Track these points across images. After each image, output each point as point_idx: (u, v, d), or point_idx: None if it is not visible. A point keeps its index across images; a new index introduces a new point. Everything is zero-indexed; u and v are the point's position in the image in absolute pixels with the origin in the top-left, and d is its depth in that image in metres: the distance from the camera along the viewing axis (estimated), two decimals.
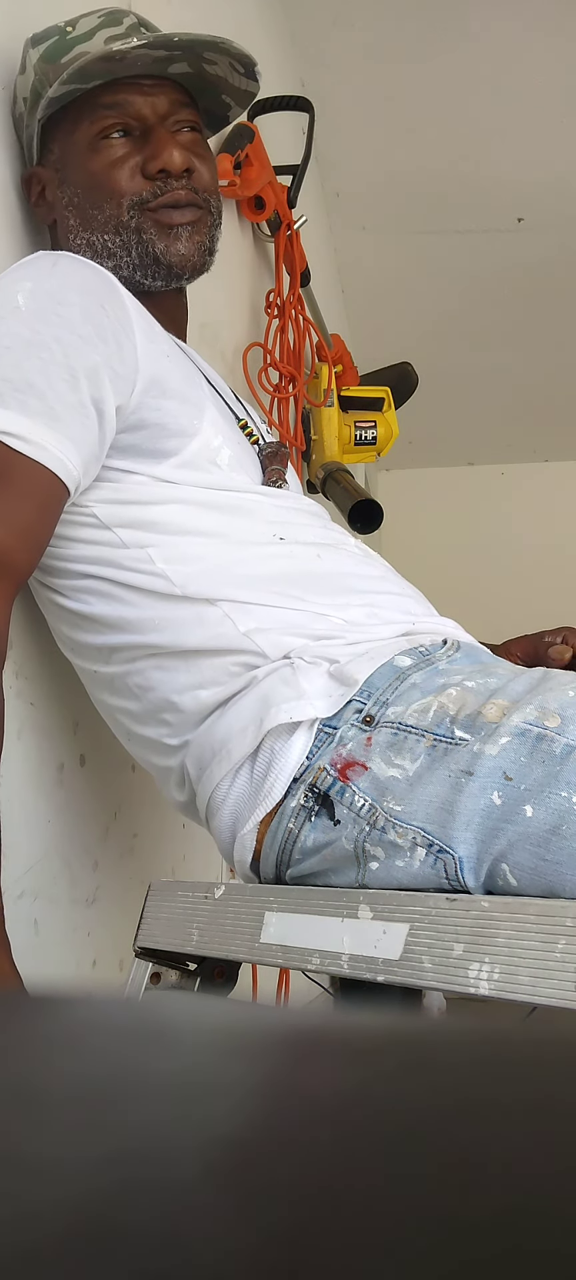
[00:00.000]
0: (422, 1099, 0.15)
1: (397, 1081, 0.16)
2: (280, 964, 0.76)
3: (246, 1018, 0.19)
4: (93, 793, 1.11)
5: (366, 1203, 0.12)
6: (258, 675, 0.83)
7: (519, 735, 0.71)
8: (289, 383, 1.90)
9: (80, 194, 0.95)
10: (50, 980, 0.98)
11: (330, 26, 2.29)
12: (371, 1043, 0.17)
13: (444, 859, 0.71)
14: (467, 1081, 0.16)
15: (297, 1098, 0.15)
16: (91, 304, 0.85)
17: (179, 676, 0.86)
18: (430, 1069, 0.16)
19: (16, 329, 0.82)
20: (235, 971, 0.91)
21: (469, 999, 0.62)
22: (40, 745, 1.00)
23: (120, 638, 0.88)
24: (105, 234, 0.94)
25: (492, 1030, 0.17)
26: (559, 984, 0.57)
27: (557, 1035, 0.18)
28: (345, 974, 0.69)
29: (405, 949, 0.65)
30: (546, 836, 0.68)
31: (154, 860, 1.27)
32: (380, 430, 2.26)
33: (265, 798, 0.80)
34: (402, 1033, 0.18)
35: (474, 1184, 0.12)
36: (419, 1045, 0.17)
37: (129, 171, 0.94)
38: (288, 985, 1.67)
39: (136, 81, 0.95)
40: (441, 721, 0.76)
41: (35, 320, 0.83)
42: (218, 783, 0.83)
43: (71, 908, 1.05)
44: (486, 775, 0.71)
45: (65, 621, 0.92)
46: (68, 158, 0.96)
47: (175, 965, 0.88)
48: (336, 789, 0.77)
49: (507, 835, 0.69)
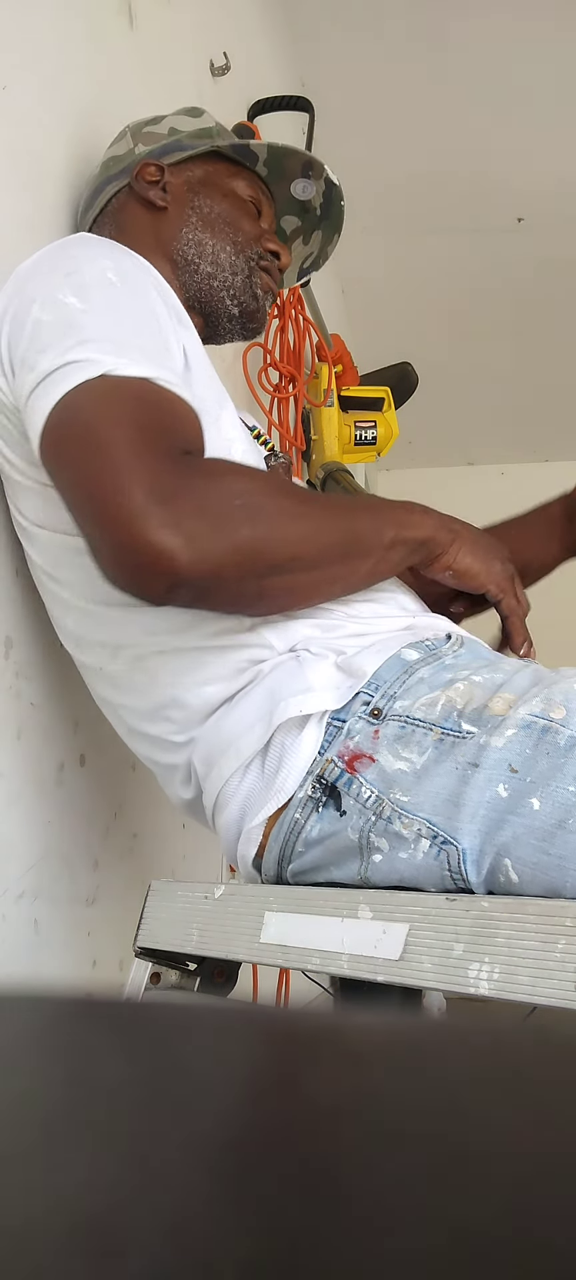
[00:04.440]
0: (422, 1099, 0.15)
1: (397, 1082, 0.16)
2: (280, 964, 0.76)
3: (246, 1018, 0.19)
4: (93, 793, 1.11)
5: (366, 1203, 0.12)
6: (263, 669, 0.83)
7: (524, 728, 0.71)
8: (289, 383, 1.90)
9: (217, 212, 1.09)
10: (50, 980, 0.98)
11: (330, 26, 2.29)
12: (371, 1043, 0.17)
13: (447, 850, 0.71)
14: (467, 1082, 0.16)
15: (297, 1098, 0.15)
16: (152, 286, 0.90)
17: (185, 672, 0.86)
18: (430, 1069, 0.16)
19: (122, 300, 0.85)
20: (235, 971, 0.91)
21: (469, 999, 0.62)
22: (40, 745, 1.00)
23: (127, 633, 0.88)
24: (227, 245, 1.07)
25: (492, 1030, 0.17)
26: (559, 984, 0.57)
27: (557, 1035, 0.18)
28: (345, 974, 0.69)
29: (405, 949, 0.65)
30: (551, 831, 0.68)
31: (154, 860, 1.27)
32: (380, 430, 2.26)
33: (277, 793, 0.80)
34: (402, 1033, 0.18)
35: (474, 1184, 0.12)
36: (418, 1045, 0.17)
37: (254, 232, 1.11)
38: (288, 985, 1.67)
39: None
40: (449, 715, 0.76)
41: (132, 296, 0.86)
42: (227, 779, 0.83)
43: (71, 908, 1.05)
44: (492, 767, 0.71)
45: (71, 616, 0.92)
46: (210, 187, 1.10)
47: (175, 965, 0.88)
48: (343, 780, 0.77)
49: (513, 827, 0.69)
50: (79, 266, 0.86)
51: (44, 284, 0.85)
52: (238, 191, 1.11)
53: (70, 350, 0.77)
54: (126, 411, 0.76)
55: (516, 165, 2.63)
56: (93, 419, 0.75)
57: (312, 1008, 0.20)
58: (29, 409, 0.78)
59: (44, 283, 0.85)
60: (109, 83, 1.27)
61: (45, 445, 0.77)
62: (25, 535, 0.93)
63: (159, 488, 0.72)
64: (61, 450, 0.76)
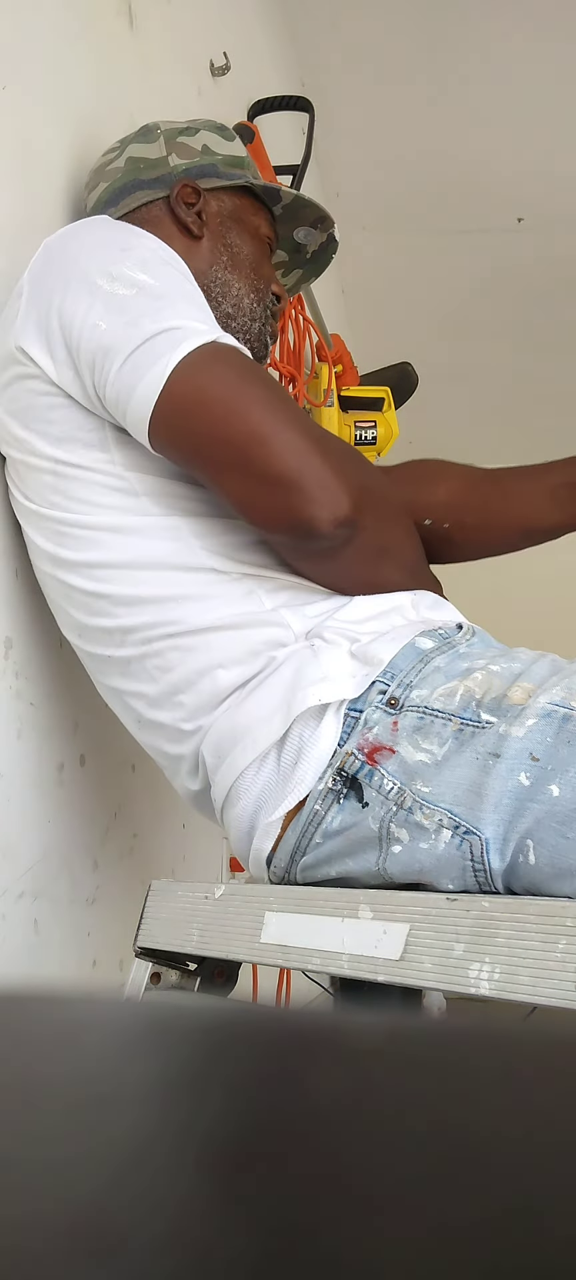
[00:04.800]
0: (422, 1100, 0.15)
1: (397, 1081, 0.16)
2: (280, 964, 0.75)
3: (246, 1018, 0.19)
4: (93, 793, 1.11)
5: (366, 1204, 0.12)
6: (278, 657, 0.82)
7: (545, 716, 0.72)
8: (289, 383, 1.90)
9: (245, 254, 1.09)
10: (50, 980, 0.98)
11: (330, 26, 2.29)
12: (371, 1043, 0.17)
13: (470, 840, 0.71)
14: (467, 1082, 0.16)
15: (297, 1098, 0.15)
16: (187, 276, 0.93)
17: (198, 655, 0.84)
18: (430, 1069, 0.16)
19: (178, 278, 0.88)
20: (235, 971, 0.91)
21: (469, 999, 0.62)
22: (40, 745, 1.00)
23: (138, 616, 0.86)
24: (250, 292, 1.08)
25: (492, 1030, 0.17)
26: (559, 984, 0.57)
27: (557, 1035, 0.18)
28: (345, 974, 0.69)
29: (405, 949, 0.65)
30: (570, 815, 0.69)
31: (154, 860, 1.27)
32: (380, 430, 2.26)
33: (296, 786, 0.79)
34: (402, 1033, 0.18)
35: (474, 1184, 0.12)
36: (418, 1045, 0.17)
37: (268, 276, 1.11)
38: (288, 985, 1.67)
39: None
40: (468, 705, 0.76)
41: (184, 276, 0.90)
42: (241, 771, 0.82)
43: (71, 908, 1.05)
44: (514, 756, 0.71)
45: (78, 605, 0.90)
46: (237, 223, 1.10)
47: (175, 965, 0.88)
48: (365, 772, 0.77)
49: (534, 813, 0.70)
50: (130, 243, 0.89)
51: (100, 258, 0.86)
52: (261, 232, 1.11)
53: (167, 319, 0.82)
54: (256, 373, 0.83)
55: (516, 165, 2.63)
56: (232, 379, 0.81)
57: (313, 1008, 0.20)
58: (127, 372, 0.81)
59: (100, 256, 0.86)
60: (109, 83, 1.27)
61: (170, 407, 0.80)
62: (29, 518, 0.92)
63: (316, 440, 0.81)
64: (199, 411, 0.80)
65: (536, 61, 2.36)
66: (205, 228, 1.07)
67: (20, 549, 0.96)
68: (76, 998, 0.20)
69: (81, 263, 0.86)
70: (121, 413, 0.83)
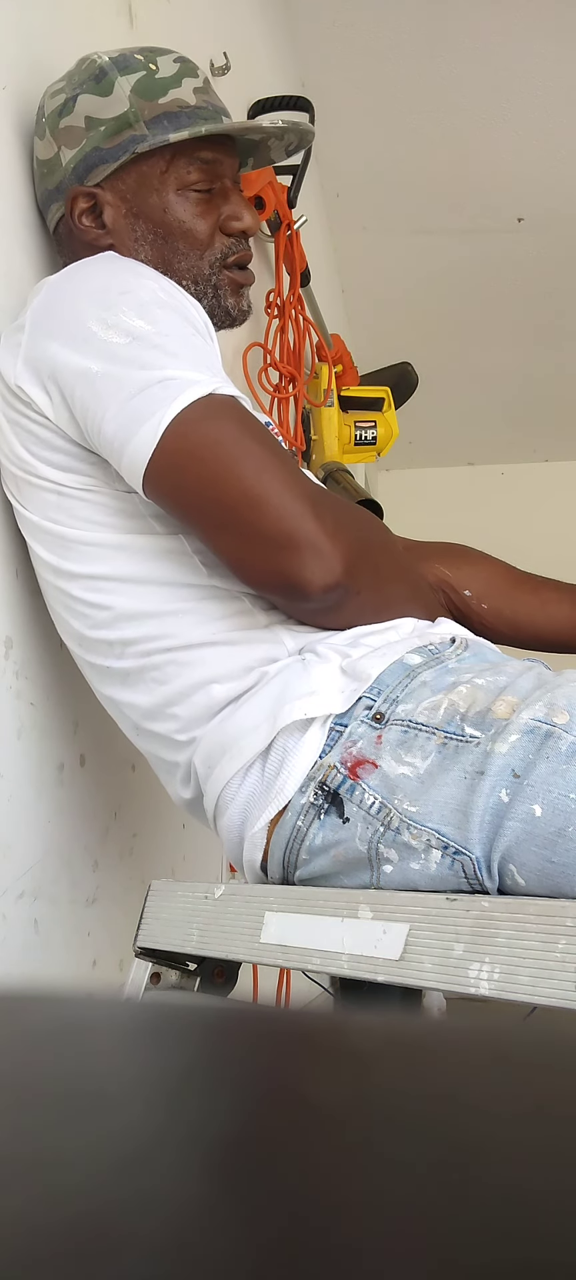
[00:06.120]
0: (422, 1100, 0.15)
1: (397, 1082, 0.16)
2: (280, 964, 0.76)
3: (246, 1018, 0.19)
4: (93, 793, 1.11)
5: (365, 1204, 0.12)
6: (269, 671, 0.83)
7: (528, 732, 0.71)
8: (289, 383, 1.90)
9: (161, 235, 0.97)
10: (50, 980, 0.98)
11: (330, 26, 2.29)
12: (371, 1043, 0.17)
13: (461, 860, 0.71)
14: (467, 1082, 0.16)
15: (297, 1098, 0.15)
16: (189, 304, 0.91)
17: (194, 670, 0.85)
18: (430, 1069, 0.16)
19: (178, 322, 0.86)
20: (235, 971, 0.91)
21: (469, 999, 0.62)
22: (40, 745, 1.00)
23: (138, 629, 0.87)
24: (184, 280, 0.97)
25: (492, 1030, 0.17)
26: (559, 984, 0.57)
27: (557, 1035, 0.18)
28: (345, 974, 0.69)
29: (405, 949, 0.65)
30: (552, 839, 0.68)
31: (154, 860, 1.27)
32: (380, 430, 2.26)
33: (277, 795, 0.80)
34: (402, 1033, 0.18)
35: (474, 1184, 0.12)
36: (418, 1045, 0.17)
37: (210, 227, 0.98)
38: (288, 985, 1.67)
39: (223, 140, 1.00)
40: (452, 719, 0.76)
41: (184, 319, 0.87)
42: (227, 781, 0.83)
43: (71, 908, 1.05)
44: (496, 774, 0.71)
45: (79, 615, 0.90)
46: (147, 195, 0.97)
47: (175, 965, 0.88)
48: (346, 787, 0.77)
49: (513, 832, 0.69)
50: (129, 285, 0.86)
51: (97, 303, 0.84)
52: (182, 181, 0.97)
53: (162, 369, 0.80)
54: (251, 429, 0.82)
55: (516, 165, 2.63)
56: (227, 437, 0.80)
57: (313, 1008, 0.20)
58: (121, 423, 0.80)
59: (97, 301, 0.85)
60: None
61: (164, 462, 0.79)
62: (29, 528, 0.92)
63: (310, 501, 0.80)
64: (193, 468, 0.80)
65: (536, 62, 2.36)
66: (110, 224, 0.97)
67: (20, 549, 0.96)
68: (76, 998, 0.20)
69: (78, 308, 0.85)
70: (116, 462, 0.83)
